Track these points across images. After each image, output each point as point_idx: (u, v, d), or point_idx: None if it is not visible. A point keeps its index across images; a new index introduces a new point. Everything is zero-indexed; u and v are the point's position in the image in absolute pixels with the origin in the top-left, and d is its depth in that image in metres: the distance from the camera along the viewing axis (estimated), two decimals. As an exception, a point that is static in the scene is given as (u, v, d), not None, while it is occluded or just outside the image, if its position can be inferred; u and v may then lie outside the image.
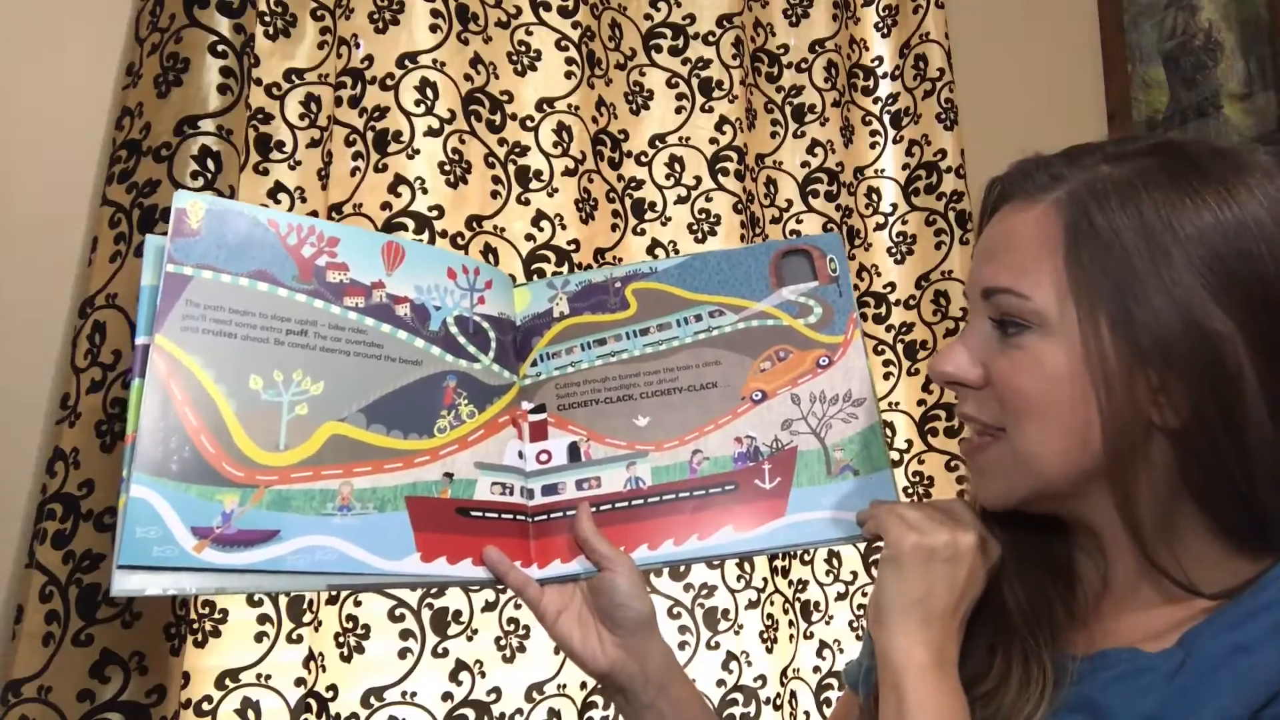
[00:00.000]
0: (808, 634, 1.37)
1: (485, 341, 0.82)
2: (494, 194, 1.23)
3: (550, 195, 1.25)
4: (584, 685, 1.19)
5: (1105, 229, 0.60)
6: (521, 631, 1.17)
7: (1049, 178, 0.65)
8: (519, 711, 1.15)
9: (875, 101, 1.54)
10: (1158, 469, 0.61)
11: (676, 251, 1.35)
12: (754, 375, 0.81)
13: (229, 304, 0.70)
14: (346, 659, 1.07)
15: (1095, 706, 0.60)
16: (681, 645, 1.27)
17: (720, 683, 1.27)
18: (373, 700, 1.08)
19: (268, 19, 1.16)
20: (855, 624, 1.39)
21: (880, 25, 1.55)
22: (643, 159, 1.37)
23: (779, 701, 1.30)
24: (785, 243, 0.85)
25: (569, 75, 1.28)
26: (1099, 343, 0.60)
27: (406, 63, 1.17)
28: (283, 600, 1.09)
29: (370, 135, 1.15)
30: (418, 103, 1.16)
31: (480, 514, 0.77)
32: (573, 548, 0.78)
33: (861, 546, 1.42)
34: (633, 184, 1.36)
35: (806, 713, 1.35)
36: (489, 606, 1.15)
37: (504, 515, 0.79)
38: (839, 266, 0.83)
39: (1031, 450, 0.63)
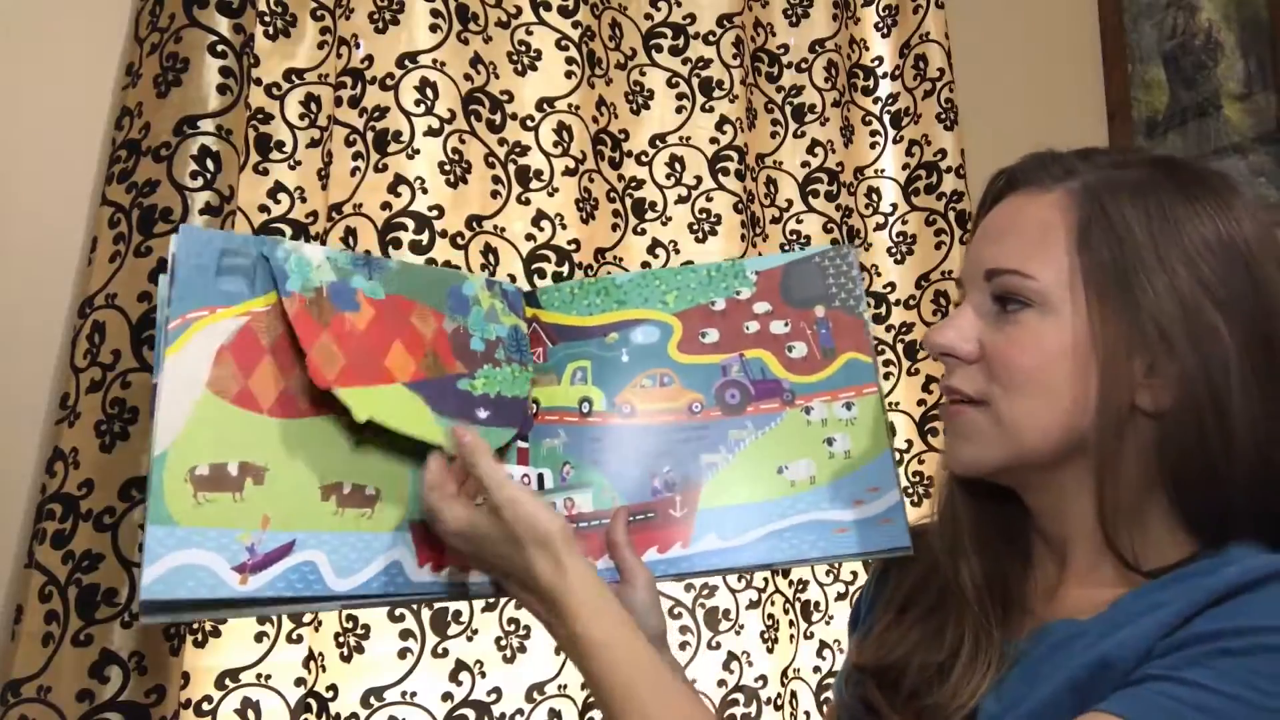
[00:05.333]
0: (808, 634, 1.37)
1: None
2: (494, 194, 1.23)
3: (550, 195, 1.25)
4: (584, 686, 1.19)
5: (1119, 220, 0.64)
6: (522, 632, 1.16)
7: (1063, 170, 0.68)
8: (519, 712, 1.15)
9: (875, 101, 1.54)
10: (1136, 452, 0.64)
11: (678, 252, 1.35)
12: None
13: None
14: (346, 659, 1.07)
15: (1032, 675, 0.62)
16: (683, 645, 1.26)
17: (721, 683, 1.27)
18: (373, 700, 1.08)
19: (268, 19, 1.16)
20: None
21: (880, 25, 1.55)
22: (643, 159, 1.37)
23: (780, 701, 1.30)
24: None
25: (569, 75, 1.28)
26: (1102, 324, 0.63)
27: (406, 63, 1.17)
28: (283, 600, 1.09)
29: (370, 135, 1.15)
30: (418, 103, 1.16)
31: None
32: (590, 550, 0.78)
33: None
34: (633, 184, 1.36)
35: (807, 713, 1.35)
36: (489, 607, 1.15)
37: None
38: None
39: (1016, 420, 0.66)
